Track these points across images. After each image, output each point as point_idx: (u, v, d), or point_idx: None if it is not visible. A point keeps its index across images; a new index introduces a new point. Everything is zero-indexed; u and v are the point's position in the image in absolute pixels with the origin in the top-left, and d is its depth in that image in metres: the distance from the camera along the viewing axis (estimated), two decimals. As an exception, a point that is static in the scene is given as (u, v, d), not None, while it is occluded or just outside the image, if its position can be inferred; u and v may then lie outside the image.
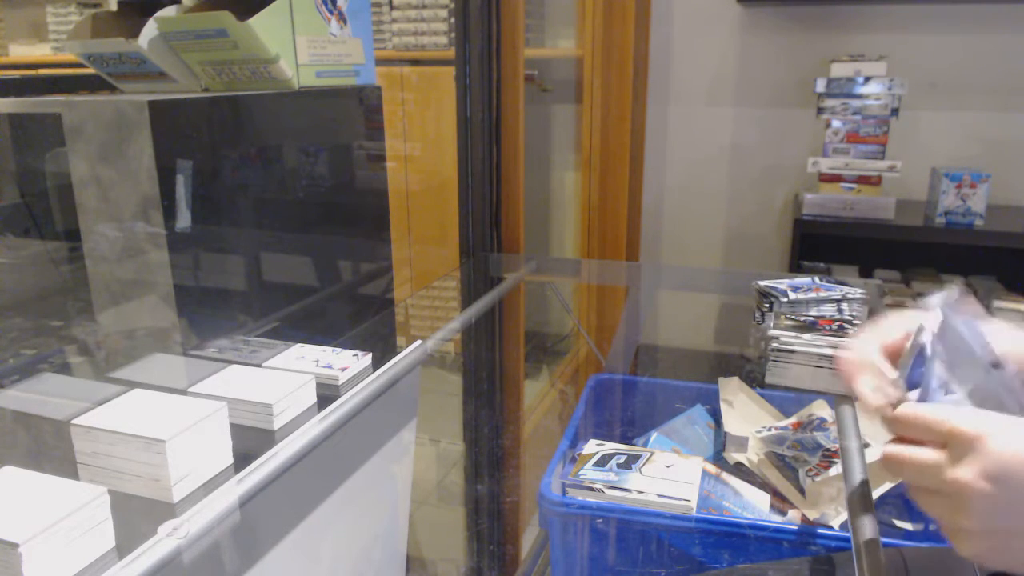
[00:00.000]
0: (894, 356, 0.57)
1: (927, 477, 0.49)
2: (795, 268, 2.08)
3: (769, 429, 1.12)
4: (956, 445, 0.47)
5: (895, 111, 1.95)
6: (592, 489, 0.93)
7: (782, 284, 0.97)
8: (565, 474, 0.97)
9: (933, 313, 0.54)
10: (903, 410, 0.51)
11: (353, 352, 0.81)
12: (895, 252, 2.23)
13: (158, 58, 0.86)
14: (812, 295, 0.93)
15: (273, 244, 0.89)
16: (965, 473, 0.46)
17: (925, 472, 0.49)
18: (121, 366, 0.76)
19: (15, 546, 0.44)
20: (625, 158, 2.09)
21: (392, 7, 2.14)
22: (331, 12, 0.93)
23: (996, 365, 0.51)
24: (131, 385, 0.65)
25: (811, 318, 0.90)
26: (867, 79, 1.95)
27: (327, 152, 0.97)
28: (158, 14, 0.84)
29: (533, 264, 1.50)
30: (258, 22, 0.81)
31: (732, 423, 1.12)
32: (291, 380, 0.71)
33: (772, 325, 0.87)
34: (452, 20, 2.03)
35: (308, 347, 0.82)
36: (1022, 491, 0.45)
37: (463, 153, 1.45)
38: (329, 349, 0.82)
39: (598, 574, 0.95)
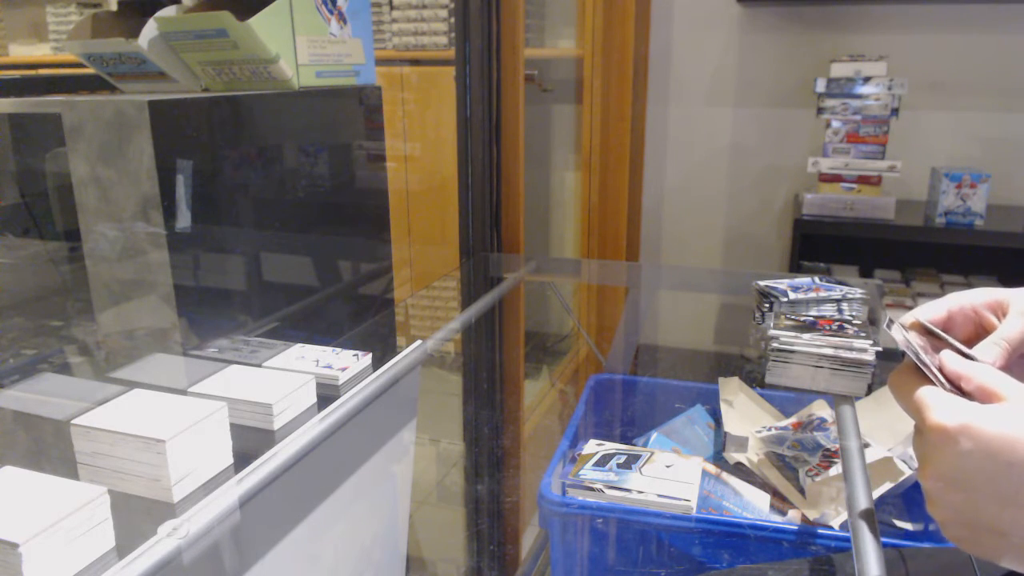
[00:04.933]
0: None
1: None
2: (795, 268, 2.08)
3: (769, 429, 1.12)
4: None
5: (895, 111, 1.95)
6: (592, 489, 0.93)
7: (782, 284, 0.97)
8: (565, 474, 0.97)
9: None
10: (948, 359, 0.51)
11: (353, 352, 0.81)
12: (895, 252, 2.23)
13: (158, 58, 0.86)
14: (812, 295, 0.93)
15: (273, 244, 0.89)
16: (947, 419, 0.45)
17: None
18: (121, 366, 0.76)
19: (15, 546, 0.44)
20: (625, 158, 2.09)
21: (392, 7, 2.14)
22: (331, 12, 0.93)
23: None
24: (131, 385, 0.65)
25: (811, 318, 0.90)
26: (867, 79, 1.95)
27: (327, 152, 0.97)
28: (158, 14, 0.84)
29: (533, 264, 1.50)
30: (258, 22, 0.81)
31: (732, 423, 1.12)
32: (291, 380, 0.71)
33: (772, 325, 0.87)
34: (452, 20, 2.03)
35: (308, 347, 0.82)
36: (998, 475, 0.44)
37: (463, 153, 1.45)
38: (329, 349, 0.82)
39: (598, 574, 0.95)
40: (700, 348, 2.44)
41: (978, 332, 0.55)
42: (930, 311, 0.55)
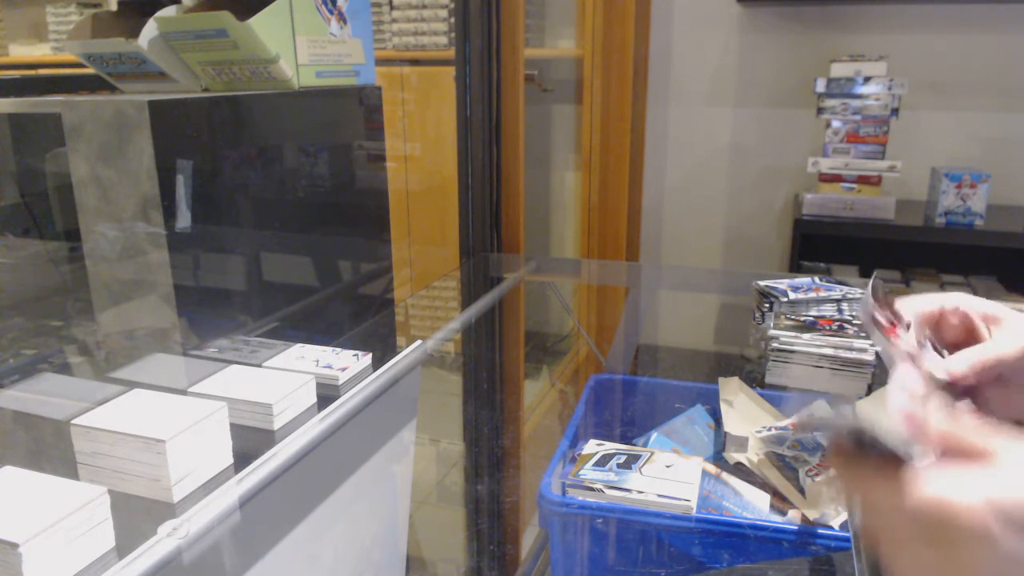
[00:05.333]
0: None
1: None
2: (795, 268, 2.08)
3: (769, 429, 1.12)
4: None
5: (895, 111, 1.95)
6: (592, 489, 0.93)
7: (782, 284, 0.97)
8: (565, 474, 0.97)
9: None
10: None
11: (353, 352, 0.81)
12: (895, 252, 2.23)
13: (158, 58, 0.86)
14: (812, 295, 0.93)
15: (273, 244, 0.89)
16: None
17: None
18: (121, 366, 0.76)
19: (15, 546, 0.44)
20: (625, 158, 2.09)
21: (392, 7, 2.14)
22: (331, 12, 0.93)
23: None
24: (131, 385, 0.65)
25: (811, 318, 0.90)
26: (867, 79, 1.94)
27: (327, 152, 0.97)
28: (158, 14, 0.84)
29: (533, 264, 1.50)
30: (258, 22, 0.81)
31: (732, 423, 1.12)
32: (291, 380, 0.71)
33: (772, 325, 0.87)
34: (452, 20, 2.03)
35: (308, 347, 0.82)
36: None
37: (463, 153, 1.45)
38: (329, 349, 0.82)
39: (598, 574, 0.95)
40: (700, 348, 2.44)
41: (965, 338, 0.54)
42: (923, 303, 0.54)
